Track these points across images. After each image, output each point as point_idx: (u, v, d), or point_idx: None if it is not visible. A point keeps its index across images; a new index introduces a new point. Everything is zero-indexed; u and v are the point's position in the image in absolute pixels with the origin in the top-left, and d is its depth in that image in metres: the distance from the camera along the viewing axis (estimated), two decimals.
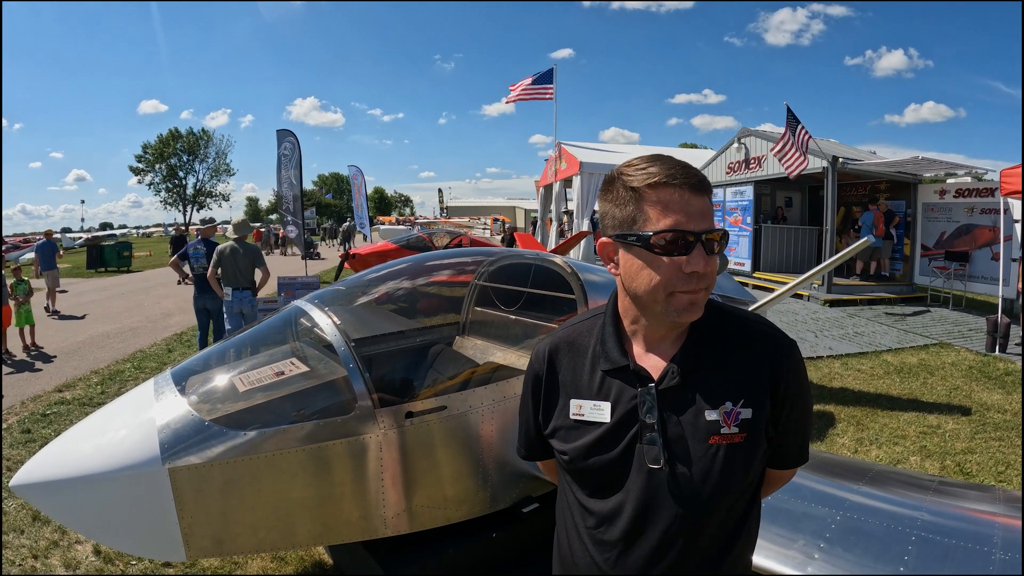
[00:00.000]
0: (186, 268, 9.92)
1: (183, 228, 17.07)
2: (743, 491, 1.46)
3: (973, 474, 5.45)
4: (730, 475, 1.40)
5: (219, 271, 8.68)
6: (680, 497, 1.39)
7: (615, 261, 1.46)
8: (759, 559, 2.59)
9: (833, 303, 14.05)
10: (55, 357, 10.62)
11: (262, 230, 38.87)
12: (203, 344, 9.33)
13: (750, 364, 1.45)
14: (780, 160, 14.22)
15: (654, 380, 1.43)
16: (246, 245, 8.95)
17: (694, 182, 1.35)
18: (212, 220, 15.71)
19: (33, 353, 10.82)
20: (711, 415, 1.39)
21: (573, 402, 1.52)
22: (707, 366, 1.44)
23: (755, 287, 15.57)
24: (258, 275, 8.99)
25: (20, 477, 2.70)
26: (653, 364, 1.46)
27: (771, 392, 1.44)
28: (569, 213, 25.76)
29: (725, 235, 1.40)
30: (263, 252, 11.12)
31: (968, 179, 13.93)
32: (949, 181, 14.68)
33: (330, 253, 33.53)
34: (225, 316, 8.92)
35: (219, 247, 8.86)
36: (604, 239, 1.46)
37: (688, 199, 1.34)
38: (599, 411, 1.47)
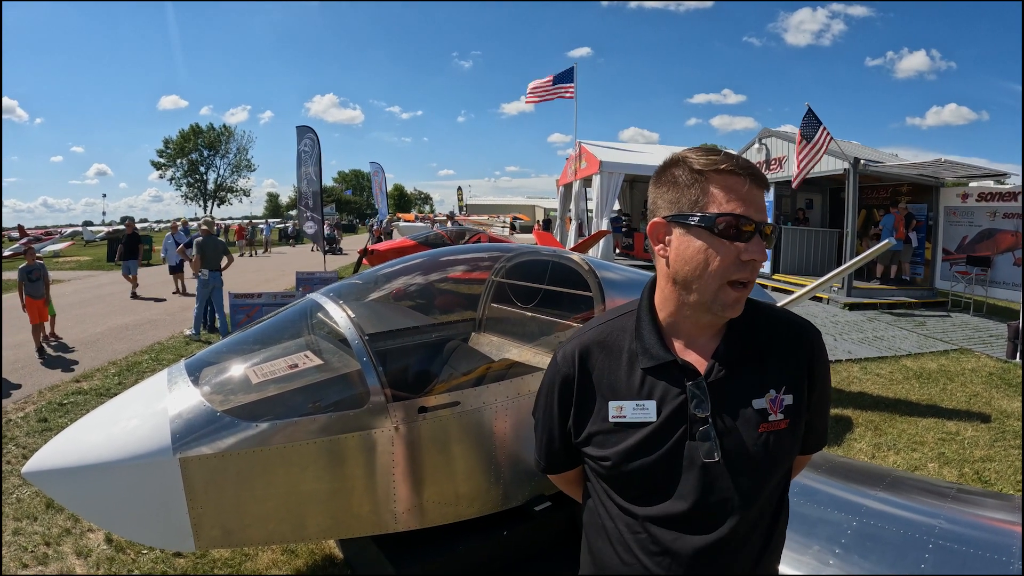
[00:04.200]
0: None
1: (134, 225, 17.75)
2: (782, 478, 1.49)
3: (992, 482, 5.37)
4: (777, 462, 1.43)
5: (198, 256, 11.32)
6: (737, 489, 1.39)
7: (665, 243, 1.43)
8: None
9: (853, 307, 13.92)
10: (74, 348, 10.72)
11: (245, 226, 39.62)
12: (201, 313, 11.73)
13: (788, 351, 1.48)
14: (803, 162, 14.12)
15: (701, 373, 1.42)
16: (216, 239, 11.83)
17: (757, 175, 1.38)
18: (212, 220, 16.92)
19: (53, 343, 10.91)
20: (759, 404, 1.41)
21: (612, 404, 1.46)
22: (748, 356, 1.45)
23: (774, 289, 15.44)
24: (224, 261, 11.63)
25: (33, 464, 2.71)
26: (695, 359, 1.45)
27: (809, 379, 1.48)
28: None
29: (776, 231, 1.42)
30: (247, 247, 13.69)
31: (991, 183, 13.76)
32: (971, 185, 14.51)
33: (355, 244, 33.87)
34: (198, 289, 11.51)
35: (197, 240, 11.62)
36: (657, 219, 1.44)
37: (751, 189, 1.37)
38: (643, 411, 1.43)
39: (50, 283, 10.86)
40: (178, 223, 21.51)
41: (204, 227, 12.30)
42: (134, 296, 16.45)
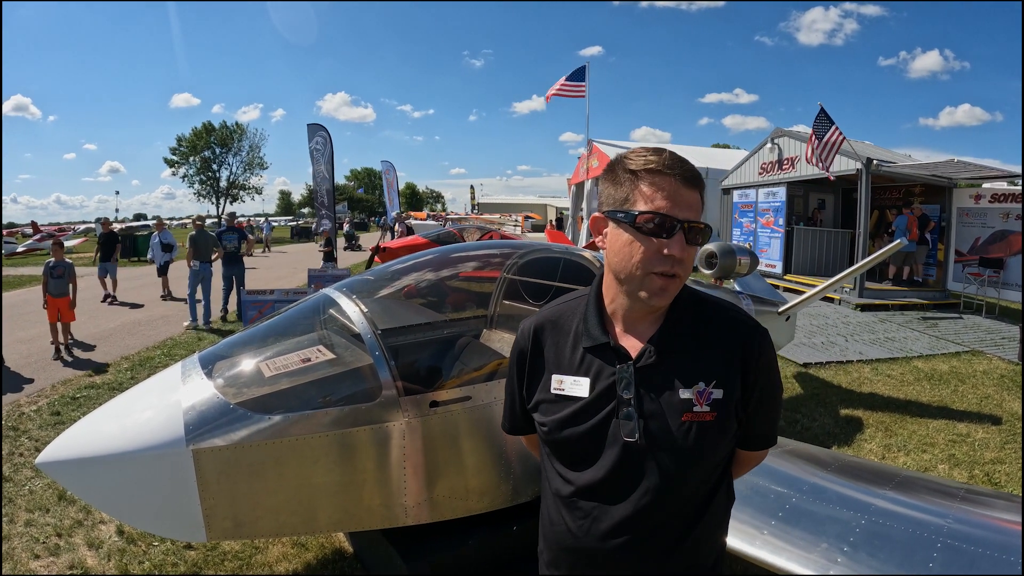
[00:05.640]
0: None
1: (111, 224, 16.98)
2: (711, 469, 1.54)
3: (1002, 484, 5.34)
4: (700, 452, 1.48)
5: (191, 249, 12.18)
6: (652, 470, 1.47)
7: (603, 235, 1.54)
8: (781, 561, 2.57)
9: (865, 307, 13.86)
10: (87, 344, 10.79)
11: (243, 224, 39.62)
12: (227, 299, 13.04)
13: (723, 347, 1.53)
14: (814, 161, 14.08)
15: (632, 358, 1.51)
16: (206, 233, 12.56)
17: (687, 175, 1.45)
18: (234, 214, 16.80)
19: (70, 344, 10.89)
20: (685, 393, 1.47)
21: (555, 377, 1.60)
22: (682, 347, 1.52)
23: (786, 289, 15.39)
24: (215, 254, 12.54)
25: (46, 455, 2.73)
26: (631, 343, 1.54)
27: (742, 375, 1.52)
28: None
29: (708, 229, 1.49)
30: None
31: (1004, 184, 13.66)
32: (984, 186, 14.42)
33: (369, 242, 33.97)
34: (189, 279, 12.22)
35: (191, 235, 12.47)
36: (596, 214, 1.56)
37: (678, 189, 1.44)
38: (578, 386, 1.55)
39: (77, 285, 10.15)
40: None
41: (197, 222, 13.15)
42: (112, 300, 15.24)
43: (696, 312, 1.56)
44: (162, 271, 16.32)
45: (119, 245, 16.34)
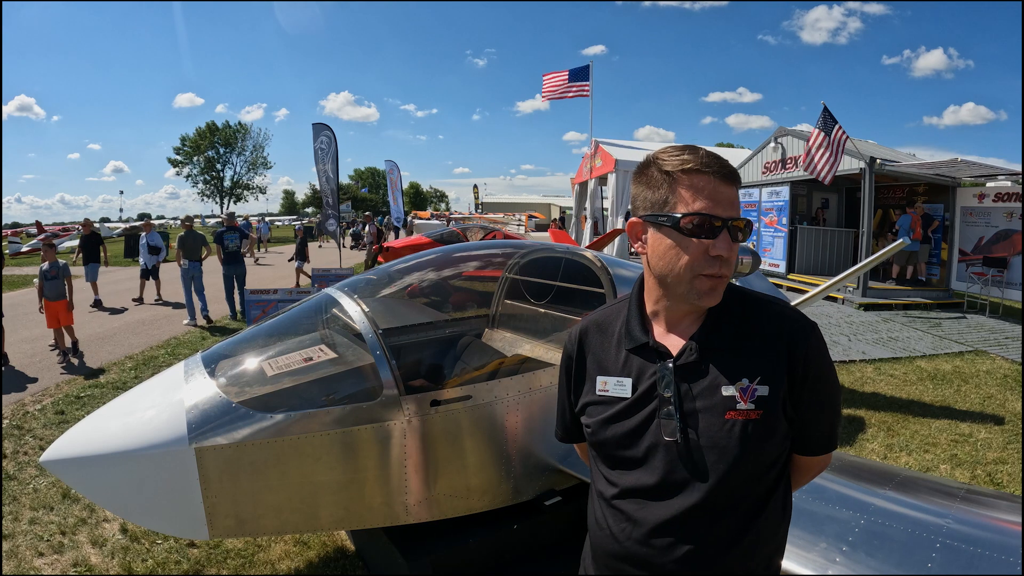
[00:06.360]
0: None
1: (92, 225, 16.15)
2: (759, 473, 1.48)
3: (1004, 485, 5.33)
4: (744, 451, 1.42)
5: (179, 250, 12.44)
6: (695, 470, 1.43)
7: (643, 240, 1.52)
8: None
9: (868, 307, 13.84)
10: (90, 344, 10.81)
11: (255, 222, 39.36)
12: (230, 299, 13.03)
13: (767, 343, 1.48)
14: (807, 168, 14.11)
15: (672, 356, 1.49)
16: (195, 233, 12.73)
17: (725, 172, 1.42)
18: (233, 214, 16.65)
19: (68, 350, 10.65)
20: (727, 391, 1.44)
21: (599, 379, 1.59)
22: (725, 344, 1.49)
23: (789, 289, 15.38)
24: (204, 252, 12.65)
25: (50, 453, 2.76)
26: (673, 342, 1.52)
27: (788, 371, 1.46)
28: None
29: (749, 225, 1.47)
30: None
31: (1008, 183, 13.62)
32: (988, 185, 14.38)
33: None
34: (182, 278, 12.42)
35: (180, 235, 12.68)
36: (634, 219, 1.53)
37: (718, 187, 1.41)
38: (621, 387, 1.54)
39: (72, 285, 9.74)
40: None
41: (186, 223, 13.33)
42: (97, 306, 14.27)
43: (739, 308, 1.53)
44: (148, 274, 15.16)
45: (103, 246, 15.20)
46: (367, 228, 26.35)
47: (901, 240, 7.64)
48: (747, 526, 1.47)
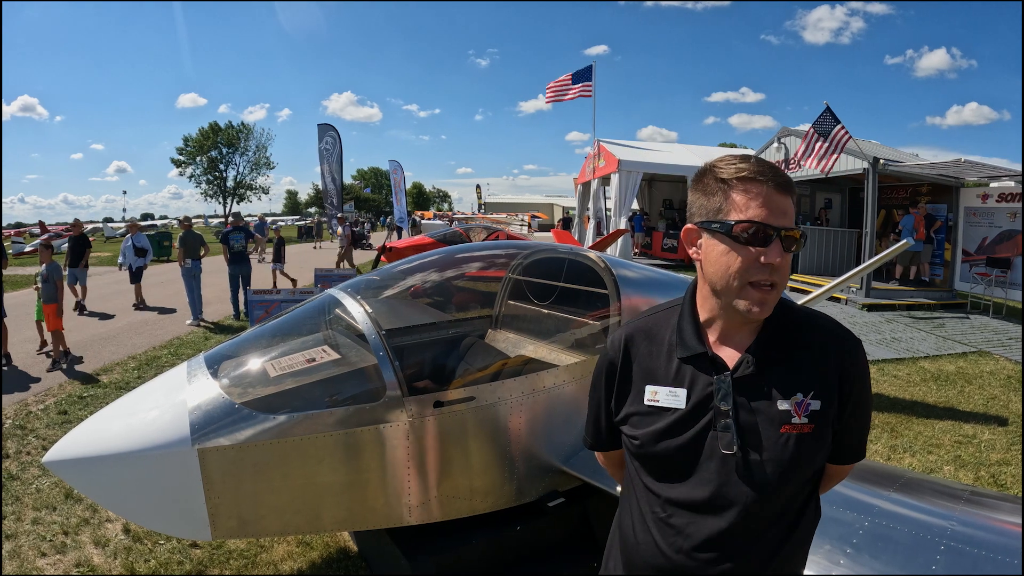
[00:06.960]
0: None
1: (82, 226, 15.77)
2: (804, 483, 1.52)
3: (1007, 486, 5.32)
4: (798, 464, 1.45)
5: (180, 249, 12.71)
6: (751, 483, 1.44)
7: (697, 247, 1.52)
8: None
9: (871, 307, 13.83)
10: (90, 344, 10.83)
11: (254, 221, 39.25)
12: (235, 300, 12.98)
13: (821, 359, 1.50)
14: (807, 160, 14.12)
15: (729, 368, 1.49)
16: (194, 233, 12.97)
17: (780, 181, 1.44)
18: (239, 214, 16.75)
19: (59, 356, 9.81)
20: (783, 405, 1.45)
21: (648, 388, 1.56)
22: (780, 358, 1.50)
23: (792, 289, 15.35)
24: (202, 251, 12.81)
25: (53, 453, 2.76)
26: (728, 354, 1.52)
27: (839, 386, 1.50)
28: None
29: (804, 237, 1.48)
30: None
31: (1011, 183, 13.58)
32: (992, 185, 14.34)
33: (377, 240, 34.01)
34: (183, 277, 12.57)
35: (180, 235, 12.96)
36: (689, 225, 1.54)
37: (772, 196, 1.42)
38: (675, 397, 1.52)
39: (63, 287, 9.49)
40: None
41: (184, 223, 13.55)
42: (82, 310, 13.70)
43: (791, 323, 1.54)
44: (135, 277, 14.52)
45: (89, 249, 14.42)
46: (341, 230, 25.13)
47: (905, 240, 7.62)
48: (788, 535, 1.51)
